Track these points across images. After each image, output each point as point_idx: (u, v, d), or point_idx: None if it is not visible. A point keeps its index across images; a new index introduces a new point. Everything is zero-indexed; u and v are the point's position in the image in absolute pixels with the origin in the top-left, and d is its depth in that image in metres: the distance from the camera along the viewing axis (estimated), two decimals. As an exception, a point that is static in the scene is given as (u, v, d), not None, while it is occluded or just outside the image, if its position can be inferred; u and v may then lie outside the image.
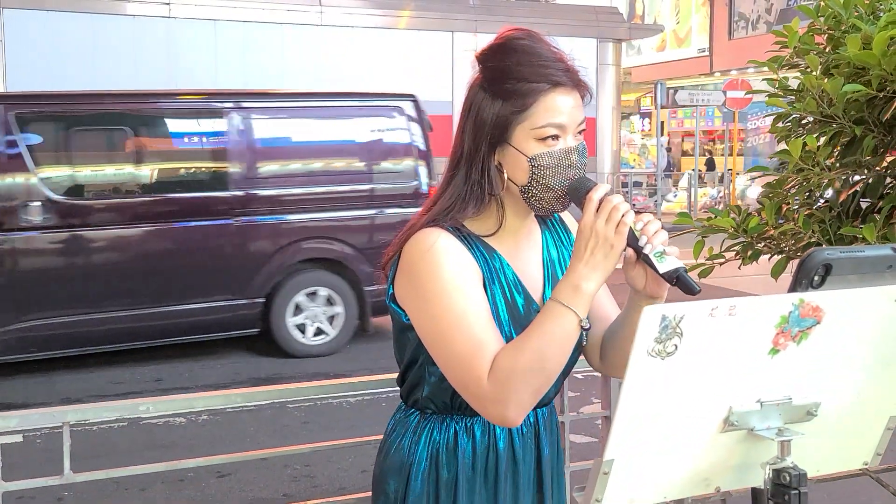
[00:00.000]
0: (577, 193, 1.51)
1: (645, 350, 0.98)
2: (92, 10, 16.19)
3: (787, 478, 1.06)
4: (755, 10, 36.75)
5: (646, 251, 1.39)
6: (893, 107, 2.07)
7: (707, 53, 34.24)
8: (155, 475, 4.84)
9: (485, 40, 1.65)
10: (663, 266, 1.36)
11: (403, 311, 1.61)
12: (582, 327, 1.44)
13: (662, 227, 1.44)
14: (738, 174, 23.59)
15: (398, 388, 1.74)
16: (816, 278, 1.02)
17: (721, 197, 24.06)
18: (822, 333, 1.05)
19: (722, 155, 24.25)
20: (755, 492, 1.73)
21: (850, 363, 1.11)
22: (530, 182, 1.54)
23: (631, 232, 1.41)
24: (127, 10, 16.68)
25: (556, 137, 1.53)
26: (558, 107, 1.53)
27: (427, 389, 1.62)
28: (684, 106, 22.59)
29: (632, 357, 0.99)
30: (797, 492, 1.05)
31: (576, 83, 1.56)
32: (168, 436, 5.71)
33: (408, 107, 8.25)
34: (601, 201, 1.44)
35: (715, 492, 1.16)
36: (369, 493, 2.93)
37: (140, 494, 4.74)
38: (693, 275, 2.52)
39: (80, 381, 6.99)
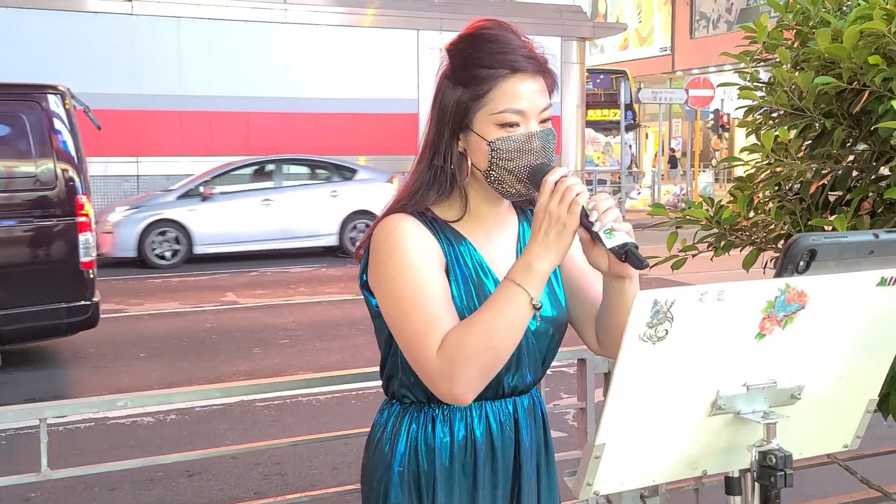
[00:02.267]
0: (535, 177, 1.52)
1: (637, 335, 0.99)
2: (51, 7, 15.92)
3: (773, 460, 1.09)
4: (716, 9, 37.21)
5: (595, 228, 1.40)
6: (863, 100, 2.11)
7: (669, 52, 34.60)
8: (124, 475, 4.80)
9: (450, 38, 1.67)
10: (611, 241, 1.38)
11: (374, 297, 1.62)
12: (534, 306, 1.45)
13: (616, 207, 1.46)
14: (699, 172, 23.86)
15: (367, 384, 1.74)
16: (801, 264, 1.04)
17: (683, 194, 24.32)
18: (806, 318, 1.07)
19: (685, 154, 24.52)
20: (728, 480, 1.76)
21: (832, 347, 1.13)
22: (490, 167, 1.56)
23: (584, 211, 1.42)
24: (88, 7, 16.44)
25: (516, 124, 1.54)
26: (518, 92, 1.54)
27: (403, 379, 1.63)
28: (647, 103, 22.78)
29: (624, 342, 1.01)
30: (783, 473, 1.08)
31: (539, 70, 1.57)
32: (136, 435, 5.66)
33: (51, 101, 7.01)
34: (557, 183, 1.45)
35: (702, 474, 1.18)
36: (340, 488, 2.92)
37: (109, 495, 4.68)
38: (666, 266, 2.56)
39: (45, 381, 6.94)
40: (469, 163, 1.59)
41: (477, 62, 1.56)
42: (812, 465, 2.82)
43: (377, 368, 1.73)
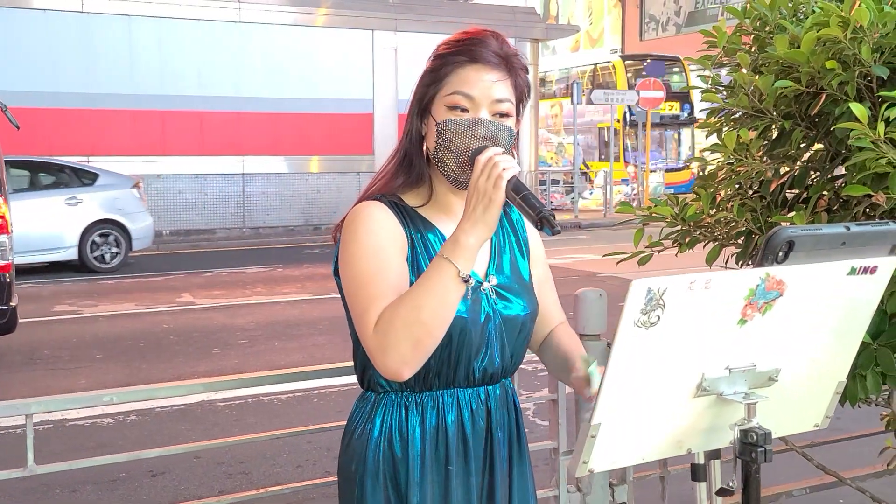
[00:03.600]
0: (474, 160, 1.54)
1: (632, 321, 1.06)
2: (-1, 4, 15.60)
3: (754, 437, 1.16)
4: (665, 12, 37.78)
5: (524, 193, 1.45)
6: (821, 102, 2.21)
7: (619, 54, 34.99)
8: (85, 476, 4.77)
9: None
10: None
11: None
12: (462, 279, 1.48)
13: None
14: (650, 172, 24.21)
15: (328, 382, 1.77)
16: (780, 254, 1.12)
17: (635, 194, 24.66)
18: (784, 305, 1.15)
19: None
20: (694, 467, 1.85)
21: (807, 332, 1.21)
22: (437, 148, 1.62)
23: (513, 185, 1.46)
24: (35, 4, 16.14)
25: (465, 108, 1.60)
26: (470, 79, 1.60)
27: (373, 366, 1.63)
28: (600, 103, 23.03)
29: (620, 328, 1.07)
30: (763, 449, 1.15)
31: (504, 67, 1.62)
32: (95, 437, 5.61)
33: None
34: (486, 161, 1.49)
35: (686, 453, 1.25)
36: (303, 483, 2.95)
37: (71, 496, 4.65)
38: (633, 262, 2.65)
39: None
40: (424, 146, 1.66)
41: (443, 50, 1.65)
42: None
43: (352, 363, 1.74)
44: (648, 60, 27.53)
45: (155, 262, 14.13)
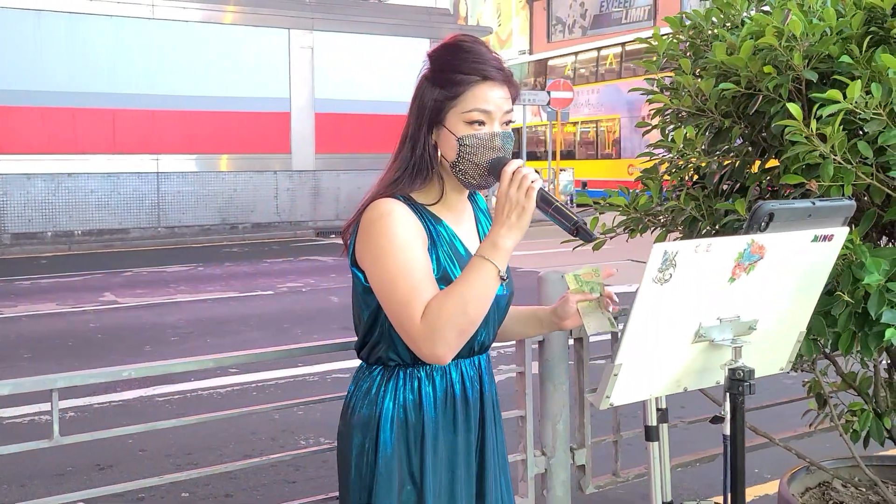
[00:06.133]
0: (496, 170, 1.79)
1: (651, 278, 1.30)
2: None
3: (741, 374, 1.42)
4: (571, 14, 38.66)
5: (556, 205, 1.68)
6: (759, 101, 2.51)
7: (528, 55, 35.65)
8: (33, 471, 4.79)
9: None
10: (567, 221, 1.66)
11: (363, 273, 1.85)
12: (501, 277, 1.71)
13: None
14: (559, 171, 24.82)
15: (266, 375, 1.96)
16: (763, 224, 1.37)
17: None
18: (763, 266, 1.41)
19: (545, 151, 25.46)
20: (648, 429, 2.12)
21: (778, 289, 1.47)
22: (458, 159, 1.82)
23: (540, 194, 1.69)
24: (-63, -3, 15.59)
25: (482, 123, 1.81)
26: (486, 96, 1.81)
27: (391, 344, 1.85)
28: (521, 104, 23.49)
29: (642, 284, 1.31)
30: (748, 384, 1.41)
31: (506, 81, 1.86)
32: (35, 434, 5.57)
33: None
34: (514, 173, 1.73)
35: (683, 391, 1.50)
36: (280, 454, 3.10)
37: (20, 491, 4.66)
38: (588, 248, 2.92)
39: None
40: (439, 154, 1.86)
41: (454, 68, 1.83)
42: (707, 417, 3.26)
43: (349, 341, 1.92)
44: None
45: (69, 263, 13.86)
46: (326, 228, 18.48)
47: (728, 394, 1.43)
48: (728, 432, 1.46)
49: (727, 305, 1.42)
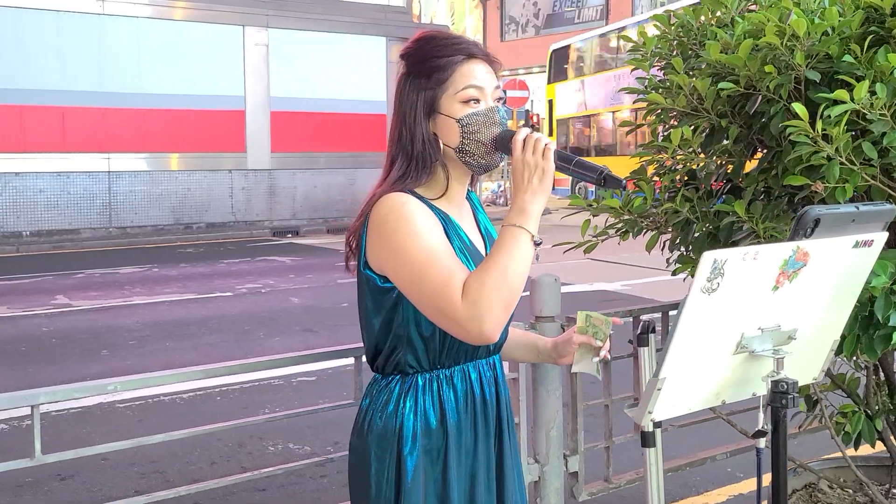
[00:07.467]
0: (503, 142, 1.74)
1: (699, 288, 1.24)
2: None
3: (784, 386, 1.36)
4: (524, 14, 38.81)
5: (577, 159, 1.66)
6: (758, 102, 2.47)
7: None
8: (-12, 482, 4.61)
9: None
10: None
11: (377, 275, 1.76)
12: (535, 242, 1.65)
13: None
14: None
15: (228, 380, 1.89)
16: (809, 230, 1.32)
17: (502, 191, 25.29)
18: (807, 273, 1.36)
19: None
20: (644, 434, 2.06)
21: (817, 297, 1.42)
22: (462, 141, 1.76)
23: (556, 154, 1.65)
24: None
25: (477, 99, 1.77)
26: (474, 72, 1.78)
27: (408, 349, 1.77)
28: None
29: (690, 294, 1.25)
30: (792, 396, 1.35)
31: (487, 58, 1.82)
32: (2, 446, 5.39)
33: None
34: (525, 139, 1.69)
35: (721, 403, 1.45)
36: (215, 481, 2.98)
37: (-23, 504, 4.49)
38: (579, 251, 2.86)
39: None
40: (441, 143, 1.79)
41: (435, 54, 1.79)
42: (700, 420, 3.22)
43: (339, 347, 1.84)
44: None
45: (17, 264, 13.49)
46: (282, 228, 18.25)
47: (770, 407, 1.37)
48: (763, 446, 1.41)
49: (769, 315, 1.37)
